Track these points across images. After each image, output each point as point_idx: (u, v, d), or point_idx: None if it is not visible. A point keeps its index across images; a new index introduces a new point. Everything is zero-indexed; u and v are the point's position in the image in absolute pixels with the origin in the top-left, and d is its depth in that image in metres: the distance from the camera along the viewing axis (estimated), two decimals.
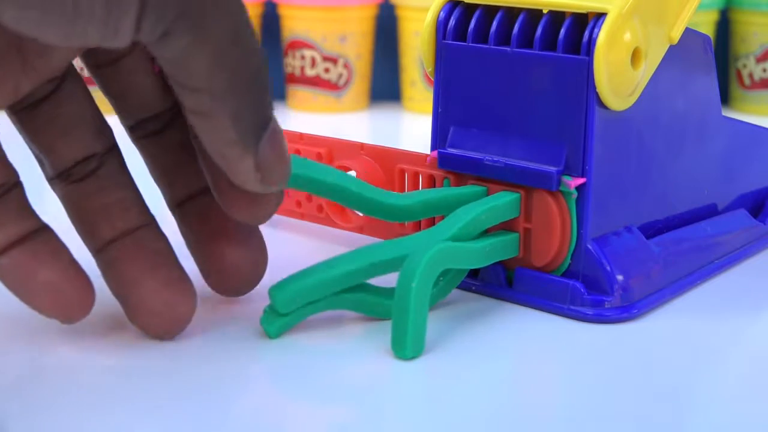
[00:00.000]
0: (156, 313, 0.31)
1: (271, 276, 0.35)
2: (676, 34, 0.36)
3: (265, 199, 0.31)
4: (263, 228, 0.45)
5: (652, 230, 0.37)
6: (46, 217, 0.31)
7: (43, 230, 0.30)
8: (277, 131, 0.30)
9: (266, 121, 0.30)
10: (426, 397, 0.29)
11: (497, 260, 0.35)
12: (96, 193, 0.32)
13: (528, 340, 0.33)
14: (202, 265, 0.34)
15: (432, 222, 0.38)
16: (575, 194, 0.34)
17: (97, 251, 0.32)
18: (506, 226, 0.36)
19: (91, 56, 0.33)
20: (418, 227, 0.39)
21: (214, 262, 0.33)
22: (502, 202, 0.35)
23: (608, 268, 0.35)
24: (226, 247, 0.33)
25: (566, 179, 0.34)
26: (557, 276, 0.35)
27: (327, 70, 0.74)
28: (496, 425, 0.28)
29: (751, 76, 0.74)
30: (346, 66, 0.74)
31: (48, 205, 0.34)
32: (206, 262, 0.34)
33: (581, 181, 0.34)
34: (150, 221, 0.32)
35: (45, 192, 0.34)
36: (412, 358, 0.31)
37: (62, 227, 0.32)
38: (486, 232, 0.35)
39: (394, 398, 0.29)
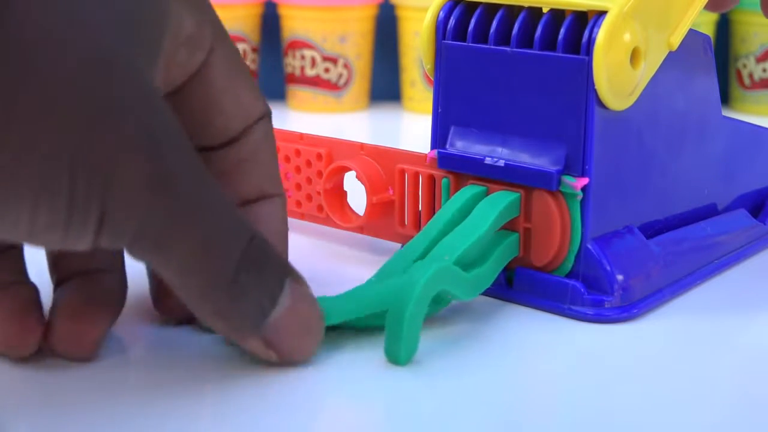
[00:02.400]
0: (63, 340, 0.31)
1: None
2: (676, 41, 0.36)
3: None
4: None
5: (652, 230, 0.37)
6: None
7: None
8: (290, 309, 0.29)
9: (271, 301, 0.28)
10: (426, 397, 0.29)
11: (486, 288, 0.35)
12: None
13: (528, 340, 0.33)
14: (153, 290, 0.33)
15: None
16: (580, 195, 0.34)
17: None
18: (506, 226, 0.36)
19: None
20: (418, 228, 0.39)
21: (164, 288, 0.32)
22: (504, 207, 0.35)
23: (608, 268, 0.35)
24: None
25: (570, 180, 0.34)
26: (557, 276, 0.35)
27: (327, 70, 0.74)
28: (496, 425, 0.28)
29: (751, 76, 0.74)
30: (346, 66, 0.74)
31: None
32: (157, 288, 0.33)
33: (585, 181, 0.34)
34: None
35: None
36: (406, 363, 0.31)
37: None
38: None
39: (394, 398, 0.29)
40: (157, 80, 0.28)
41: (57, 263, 0.32)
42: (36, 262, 0.33)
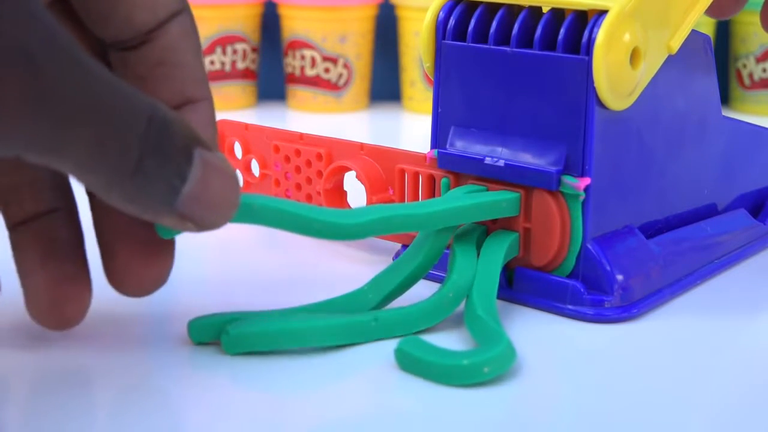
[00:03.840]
0: (42, 311, 0.30)
1: (272, 276, 0.35)
2: (675, 44, 0.36)
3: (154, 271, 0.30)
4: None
5: (652, 230, 0.37)
6: None
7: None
8: (201, 181, 0.28)
9: (180, 178, 0.28)
10: (425, 397, 0.29)
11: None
12: (10, 170, 0.30)
13: (528, 340, 0.33)
14: (104, 264, 0.32)
15: None
16: (583, 196, 0.34)
17: (9, 232, 0.31)
18: (506, 226, 0.36)
19: None
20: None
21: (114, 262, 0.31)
22: (501, 201, 0.35)
23: (608, 268, 0.35)
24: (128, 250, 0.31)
25: (572, 181, 0.34)
26: (557, 276, 0.35)
27: (327, 70, 0.74)
28: (496, 425, 0.28)
29: (751, 76, 0.74)
30: (346, 66, 0.74)
31: None
32: (107, 262, 0.32)
33: (587, 181, 0.34)
34: (63, 206, 0.31)
35: None
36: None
37: None
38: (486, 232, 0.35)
39: (394, 398, 0.29)
40: None
41: (6, 208, 0.31)
42: None
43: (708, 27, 0.73)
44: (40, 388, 0.29)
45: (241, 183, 0.30)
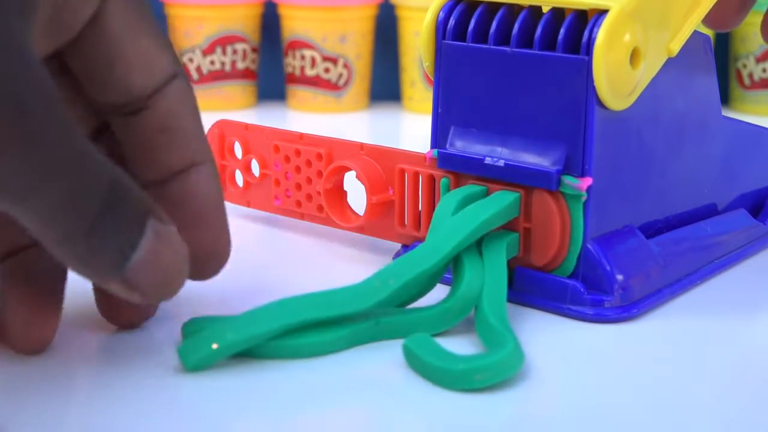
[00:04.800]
0: (12, 335, 0.31)
1: (272, 276, 0.35)
2: (675, 47, 0.36)
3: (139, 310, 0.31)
4: (264, 227, 0.45)
5: (652, 230, 0.37)
6: None
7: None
8: (151, 251, 0.28)
9: (131, 246, 0.28)
10: (425, 397, 0.29)
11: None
12: None
13: (528, 340, 0.33)
14: (97, 300, 0.33)
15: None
16: (585, 196, 0.34)
17: None
18: (506, 226, 0.36)
19: None
20: (418, 228, 0.39)
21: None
22: (501, 208, 0.35)
23: (608, 267, 0.35)
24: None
25: (574, 182, 0.34)
26: (557, 276, 0.35)
27: (327, 70, 0.74)
28: (496, 424, 0.28)
29: (751, 76, 0.74)
30: (346, 66, 0.74)
31: None
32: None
33: (589, 181, 0.34)
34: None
35: None
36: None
37: None
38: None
39: (393, 398, 0.29)
40: (31, 31, 0.27)
41: None
42: None
43: None
44: (40, 389, 0.29)
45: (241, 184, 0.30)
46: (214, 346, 0.30)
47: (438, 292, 0.34)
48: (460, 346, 0.32)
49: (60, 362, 0.31)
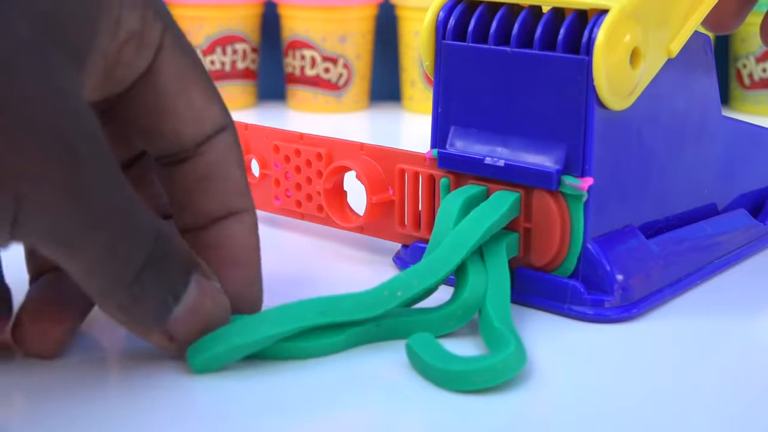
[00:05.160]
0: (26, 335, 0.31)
1: (272, 276, 0.35)
2: (675, 48, 0.36)
3: None
4: (264, 227, 0.45)
5: (652, 230, 0.37)
6: None
7: None
8: (194, 304, 0.29)
9: (174, 298, 0.29)
10: (425, 397, 0.29)
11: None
12: None
13: (528, 340, 0.33)
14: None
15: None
16: (586, 196, 0.34)
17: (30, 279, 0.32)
18: (506, 226, 0.35)
19: None
20: (418, 228, 0.39)
21: None
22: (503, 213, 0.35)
23: (608, 268, 0.35)
24: None
25: (575, 182, 0.34)
26: (557, 276, 0.35)
27: (327, 70, 0.74)
28: (496, 424, 0.28)
29: (751, 76, 0.74)
30: (346, 66, 0.74)
31: None
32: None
33: (590, 181, 0.34)
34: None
35: None
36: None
37: None
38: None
39: (393, 398, 0.29)
40: (82, 81, 0.28)
41: (31, 258, 0.32)
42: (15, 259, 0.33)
43: None
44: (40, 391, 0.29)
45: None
46: (221, 348, 0.30)
47: (440, 293, 0.34)
48: (465, 347, 0.32)
49: (67, 364, 0.31)
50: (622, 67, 0.34)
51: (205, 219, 0.32)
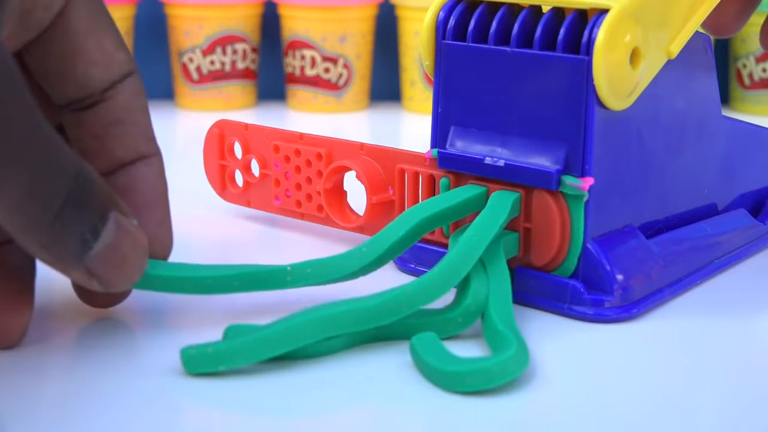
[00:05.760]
0: None
1: None
2: (675, 49, 0.36)
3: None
4: (264, 227, 0.45)
5: (652, 230, 0.37)
6: None
7: None
8: (112, 242, 0.29)
9: (94, 235, 0.29)
10: (425, 397, 0.29)
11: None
12: None
13: (528, 340, 0.33)
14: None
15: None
16: (587, 196, 0.34)
17: None
18: (506, 226, 0.35)
19: None
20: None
21: None
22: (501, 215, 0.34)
23: (608, 267, 0.35)
24: None
25: (576, 182, 0.34)
26: (557, 276, 0.35)
27: (327, 70, 0.74)
28: (496, 425, 0.28)
29: (751, 76, 0.74)
30: (346, 66, 0.74)
31: None
32: None
33: (591, 181, 0.34)
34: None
35: None
36: None
37: None
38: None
39: (394, 398, 0.29)
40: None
41: None
42: None
43: None
44: (40, 389, 0.29)
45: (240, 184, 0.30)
46: (221, 368, 0.30)
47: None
48: (472, 348, 0.32)
49: (64, 364, 0.31)
50: (622, 67, 0.34)
51: (115, 164, 0.33)
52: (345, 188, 0.42)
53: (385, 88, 0.79)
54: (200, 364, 0.30)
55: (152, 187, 0.33)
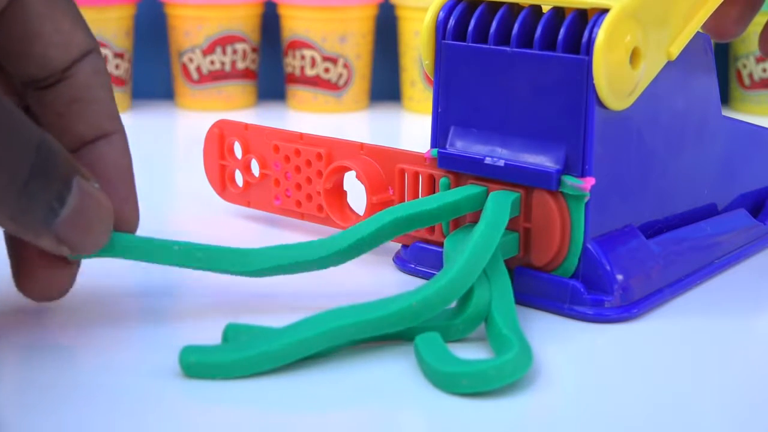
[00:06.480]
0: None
1: (274, 276, 0.35)
2: (675, 51, 0.36)
3: (56, 280, 0.32)
4: (264, 227, 0.45)
5: (652, 230, 0.37)
6: None
7: None
8: (77, 206, 0.30)
9: (59, 202, 0.30)
10: (425, 398, 0.29)
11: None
12: None
13: (528, 340, 0.33)
14: (12, 268, 0.33)
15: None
16: (588, 197, 0.34)
17: None
18: (506, 226, 0.35)
19: None
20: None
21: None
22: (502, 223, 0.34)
23: (608, 267, 0.35)
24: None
25: (577, 182, 0.34)
26: (557, 276, 0.35)
27: (327, 70, 0.74)
28: (496, 425, 0.28)
29: (751, 76, 0.74)
30: (346, 66, 0.74)
31: None
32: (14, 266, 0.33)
33: (592, 181, 0.34)
34: None
35: None
36: None
37: None
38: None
39: (394, 399, 0.29)
40: None
41: None
42: None
43: None
44: (40, 388, 0.29)
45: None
46: (220, 377, 0.30)
47: None
48: (478, 351, 0.32)
49: (64, 364, 0.31)
50: (622, 67, 0.34)
51: (77, 142, 0.33)
52: (345, 188, 0.42)
53: (385, 88, 0.79)
54: (199, 372, 0.30)
55: (115, 164, 0.33)
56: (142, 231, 0.34)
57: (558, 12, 0.35)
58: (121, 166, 0.33)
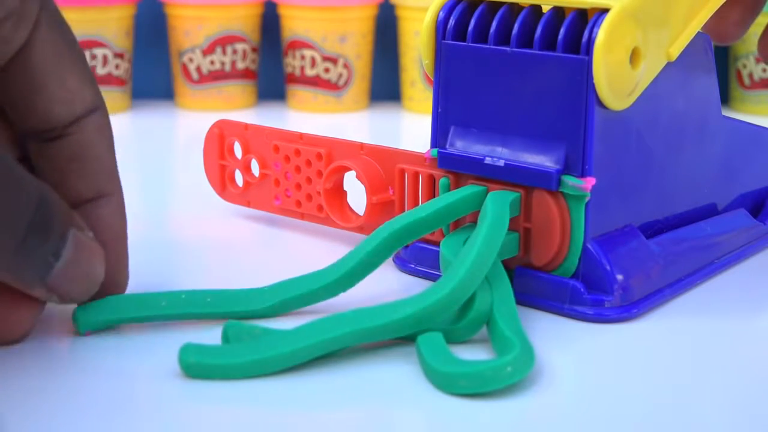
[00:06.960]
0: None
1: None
2: (675, 52, 0.36)
3: (17, 318, 0.31)
4: (265, 227, 0.45)
5: (652, 230, 0.37)
6: None
7: None
8: (72, 258, 0.30)
9: (55, 256, 0.30)
10: (425, 398, 0.29)
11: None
12: None
13: (531, 342, 0.33)
14: None
15: None
16: (589, 197, 0.34)
17: None
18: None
19: None
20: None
21: None
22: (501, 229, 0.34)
23: (608, 267, 0.35)
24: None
25: (576, 182, 0.34)
26: (557, 276, 0.35)
27: (327, 70, 0.74)
28: (496, 425, 0.28)
29: (751, 76, 0.74)
30: (346, 66, 0.74)
31: None
32: None
33: (593, 181, 0.34)
34: None
35: None
36: None
37: None
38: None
39: (394, 398, 0.29)
40: None
41: None
42: None
43: None
44: (40, 389, 0.29)
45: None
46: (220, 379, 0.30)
47: None
48: (482, 352, 0.32)
49: (65, 363, 0.31)
50: (622, 67, 0.34)
51: (75, 199, 0.33)
52: (345, 188, 0.42)
53: (385, 88, 0.79)
54: (199, 372, 0.30)
55: (110, 227, 0.33)
56: (141, 231, 0.34)
57: (558, 12, 0.35)
58: (116, 230, 0.33)
